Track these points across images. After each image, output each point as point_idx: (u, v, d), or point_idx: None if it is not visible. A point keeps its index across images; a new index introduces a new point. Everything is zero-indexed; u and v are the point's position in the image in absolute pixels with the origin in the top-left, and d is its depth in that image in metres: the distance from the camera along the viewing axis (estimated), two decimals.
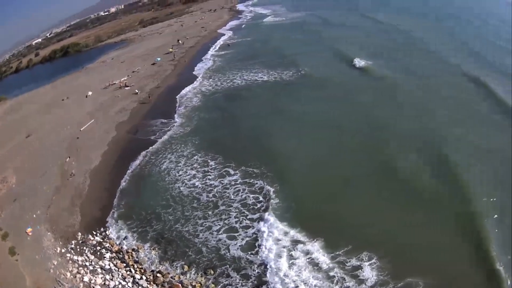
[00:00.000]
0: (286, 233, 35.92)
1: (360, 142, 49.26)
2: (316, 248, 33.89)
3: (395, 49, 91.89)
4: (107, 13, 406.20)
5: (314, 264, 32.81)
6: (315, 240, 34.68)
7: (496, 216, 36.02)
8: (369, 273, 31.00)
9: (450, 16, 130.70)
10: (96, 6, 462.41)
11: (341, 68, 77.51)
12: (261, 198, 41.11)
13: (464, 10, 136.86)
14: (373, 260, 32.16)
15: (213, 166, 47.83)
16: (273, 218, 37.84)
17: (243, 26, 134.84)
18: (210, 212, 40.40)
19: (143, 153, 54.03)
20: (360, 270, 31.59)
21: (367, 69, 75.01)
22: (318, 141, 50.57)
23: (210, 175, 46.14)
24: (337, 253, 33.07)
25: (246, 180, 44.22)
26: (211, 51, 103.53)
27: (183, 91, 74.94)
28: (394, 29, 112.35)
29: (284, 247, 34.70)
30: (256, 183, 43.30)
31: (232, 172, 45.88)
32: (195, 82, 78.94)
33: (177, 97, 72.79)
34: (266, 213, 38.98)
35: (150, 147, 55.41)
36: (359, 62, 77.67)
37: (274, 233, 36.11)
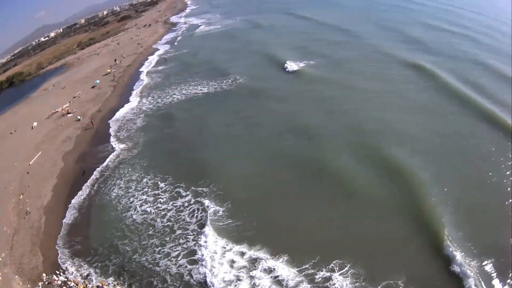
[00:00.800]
0: (243, 254, 34.26)
1: (299, 150, 48.55)
2: (279, 265, 32.50)
3: (326, 45, 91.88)
4: (47, 38, 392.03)
5: (279, 283, 31.29)
6: (277, 256, 33.41)
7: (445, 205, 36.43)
8: (341, 282, 30.03)
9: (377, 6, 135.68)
10: (36, 32, 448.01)
11: (274, 74, 76.81)
12: (215, 219, 39.14)
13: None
14: (346, 268, 31.13)
15: (163, 188, 45.85)
16: (224, 241, 36.19)
17: (178, 38, 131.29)
18: (167, 238, 38.68)
19: (92, 182, 51.04)
20: (330, 281, 30.49)
21: (299, 72, 74.81)
22: (260, 153, 49.79)
23: (162, 198, 44.17)
24: (304, 266, 31.96)
25: (198, 199, 42.15)
26: (149, 68, 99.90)
27: (125, 113, 71.38)
28: (324, 25, 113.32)
29: (243, 267, 33.06)
30: (208, 204, 40.97)
31: (183, 193, 43.94)
32: (135, 102, 75.54)
33: (119, 119, 68.87)
34: (219, 237, 36.97)
35: (98, 175, 52.09)
36: (290, 66, 77.02)
37: (229, 256, 34.46)
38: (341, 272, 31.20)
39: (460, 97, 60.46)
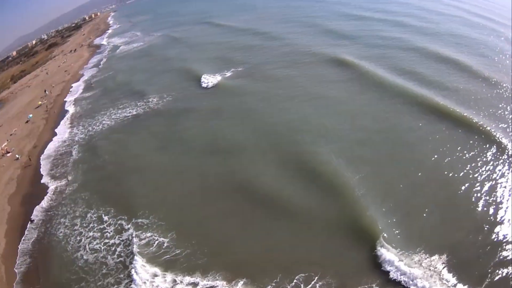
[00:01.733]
0: (196, 285, 32.99)
1: (230, 170, 47.38)
2: None
3: (244, 51, 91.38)
4: None
5: None
6: (235, 282, 32.44)
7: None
8: None
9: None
10: None
11: (192, 91, 74.50)
12: (161, 252, 37.49)
13: None
14: (314, 281, 31.36)
15: (108, 222, 43.73)
16: (173, 274, 34.98)
17: (102, 61, 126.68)
18: (121, 275, 36.40)
19: (39, 223, 47.79)
20: None
21: (217, 86, 73.29)
22: (194, 177, 48.25)
23: (109, 232, 42.23)
24: (267, 287, 31.28)
25: (140, 232, 40.28)
26: (77, 95, 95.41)
27: (58, 146, 67.47)
28: (241, 31, 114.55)
29: None
30: (151, 237, 39.43)
31: (126, 225, 42.00)
32: (67, 134, 71.43)
33: (52, 154, 64.93)
34: (168, 271, 35.65)
35: (43, 216, 48.92)
36: (208, 80, 75.37)
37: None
38: (308, 286, 30.70)
39: (390, 87, 61.14)
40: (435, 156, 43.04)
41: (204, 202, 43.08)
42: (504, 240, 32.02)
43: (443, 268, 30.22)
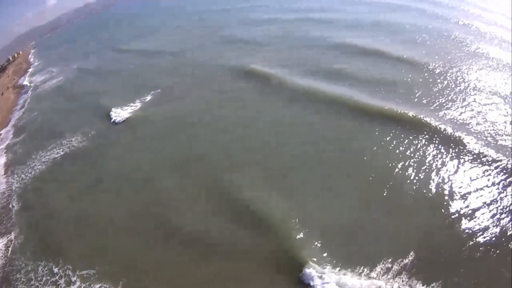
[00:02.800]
0: None
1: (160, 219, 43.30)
2: None
3: (155, 76, 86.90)
4: None
5: None
6: None
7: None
8: None
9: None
10: None
11: (103, 130, 69.11)
12: None
13: None
14: None
15: (59, 273, 40.62)
16: None
17: (27, 102, 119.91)
18: None
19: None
20: None
21: (128, 121, 68.10)
22: (127, 221, 44.73)
23: (61, 285, 39.14)
24: None
25: (87, 284, 37.69)
26: (7, 141, 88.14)
27: None
28: (150, 53, 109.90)
29: None
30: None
31: (73, 278, 39.13)
32: (4, 184, 65.33)
33: None
34: None
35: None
36: (118, 114, 70.56)
37: None
38: None
39: (316, 94, 57.76)
40: (374, 173, 40.57)
41: (143, 246, 40.55)
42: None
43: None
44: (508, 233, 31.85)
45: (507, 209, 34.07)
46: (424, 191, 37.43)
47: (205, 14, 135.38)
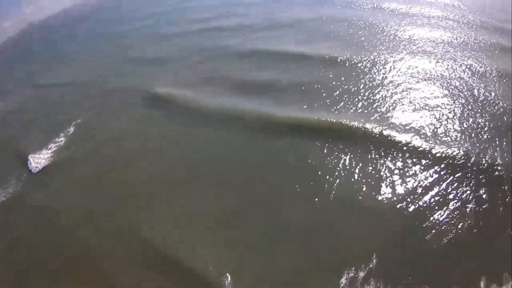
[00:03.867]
0: None
1: None
2: None
3: (64, 116, 75.11)
4: None
5: None
6: None
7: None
8: None
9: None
10: None
11: (21, 181, 58.02)
12: None
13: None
14: None
15: None
16: None
17: None
18: None
19: None
20: None
21: (46, 170, 58.00)
22: None
23: None
24: None
25: None
26: None
27: None
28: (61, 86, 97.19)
29: None
30: None
31: None
32: None
33: None
34: None
35: None
36: (36, 162, 59.79)
37: None
38: None
39: (232, 113, 53.68)
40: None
41: None
42: None
43: None
44: (465, 228, 32.82)
45: (462, 204, 34.83)
46: (373, 199, 37.04)
47: (115, 35, 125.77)
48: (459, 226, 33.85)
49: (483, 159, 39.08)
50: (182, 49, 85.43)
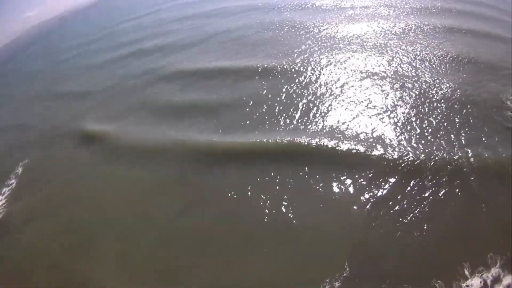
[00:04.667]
0: None
1: None
2: None
3: None
4: None
5: None
6: None
7: None
8: None
9: None
10: None
11: None
12: None
13: None
14: None
15: None
16: None
17: None
18: None
19: None
20: None
21: None
22: None
23: None
24: None
25: None
26: None
27: None
28: None
29: None
30: None
31: None
32: None
33: None
34: None
35: None
36: None
37: None
38: None
39: (162, 146, 47.68)
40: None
41: None
42: None
43: None
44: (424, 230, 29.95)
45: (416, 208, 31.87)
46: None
47: (45, 71, 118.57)
48: (430, 224, 31.35)
49: (439, 158, 36.37)
50: (112, 78, 79.67)
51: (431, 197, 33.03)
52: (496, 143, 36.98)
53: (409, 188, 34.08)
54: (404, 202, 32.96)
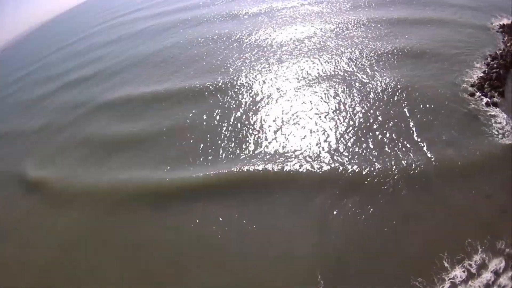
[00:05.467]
0: None
1: None
2: None
3: None
4: None
5: None
6: None
7: None
8: None
9: None
10: None
11: None
12: None
13: None
14: None
15: None
16: None
17: None
18: None
19: None
20: None
21: None
22: None
23: None
24: None
25: None
26: None
27: None
28: None
29: None
30: None
31: None
32: None
33: None
34: None
35: None
36: None
37: None
38: None
39: (102, 190, 43.24)
40: None
41: None
42: None
43: None
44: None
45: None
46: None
47: None
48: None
49: (397, 162, 34.94)
50: (47, 114, 73.57)
51: (392, 200, 31.98)
52: (456, 133, 36.07)
53: (370, 194, 32.80)
54: (369, 208, 31.80)
